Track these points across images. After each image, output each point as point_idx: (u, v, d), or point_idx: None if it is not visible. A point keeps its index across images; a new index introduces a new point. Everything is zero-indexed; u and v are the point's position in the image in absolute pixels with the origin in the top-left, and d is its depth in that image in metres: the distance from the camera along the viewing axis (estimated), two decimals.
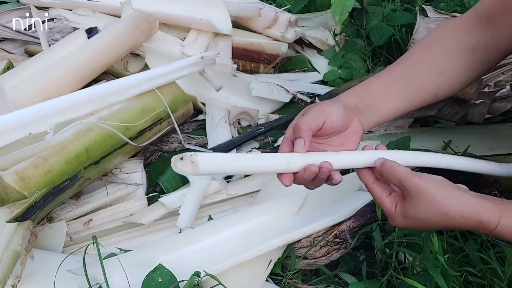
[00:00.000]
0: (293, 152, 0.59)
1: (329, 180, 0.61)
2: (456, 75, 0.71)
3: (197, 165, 0.50)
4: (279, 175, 0.59)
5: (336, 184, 0.61)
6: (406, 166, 0.61)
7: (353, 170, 0.66)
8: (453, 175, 0.83)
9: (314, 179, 0.60)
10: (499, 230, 0.55)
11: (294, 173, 0.59)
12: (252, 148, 1.02)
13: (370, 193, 0.63)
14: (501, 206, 0.56)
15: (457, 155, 0.72)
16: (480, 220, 0.56)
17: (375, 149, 0.65)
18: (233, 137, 1.04)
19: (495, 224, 0.55)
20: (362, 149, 0.65)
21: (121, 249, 0.81)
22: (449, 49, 0.70)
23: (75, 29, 1.23)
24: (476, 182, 0.83)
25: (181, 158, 0.50)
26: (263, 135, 1.06)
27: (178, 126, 0.98)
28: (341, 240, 0.78)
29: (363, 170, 0.63)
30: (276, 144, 1.03)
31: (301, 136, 0.59)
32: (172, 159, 0.51)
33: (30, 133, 0.78)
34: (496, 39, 0.69)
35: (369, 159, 0.62)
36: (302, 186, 0.63)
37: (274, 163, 0.57)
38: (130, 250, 0.77)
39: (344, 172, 0.88)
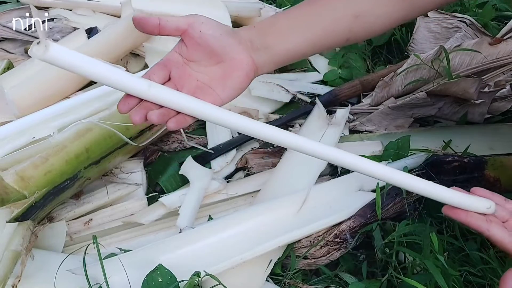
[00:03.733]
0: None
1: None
2: (376, 20, 0.62)
3: (47, 51, 0.48)
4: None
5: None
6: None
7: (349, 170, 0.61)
8: (453, 174, 0.84)
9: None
10: None
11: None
12: (252, 148, 1.01)
13: (489, 240, 0.59)
14: None
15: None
16: None
17: None
18: (233, 137, 1.04)
19: None
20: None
21: (121, 249, 0.81)
22: None
23: (75, 29, 1.22)
24: (476, 181, 0.83)
25: (38, 43, 0.48)
26: None
27: None
28: (341, 240, 0.78)
29: (471, 217, 0.57)
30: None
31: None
32: (33, 43, 0.50)
33: (33, 138, 0.79)
34: None
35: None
36: (302, 185, 0.62)
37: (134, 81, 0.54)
38: (130, 250, 0.77)
39: (345, 171, 0.89)
